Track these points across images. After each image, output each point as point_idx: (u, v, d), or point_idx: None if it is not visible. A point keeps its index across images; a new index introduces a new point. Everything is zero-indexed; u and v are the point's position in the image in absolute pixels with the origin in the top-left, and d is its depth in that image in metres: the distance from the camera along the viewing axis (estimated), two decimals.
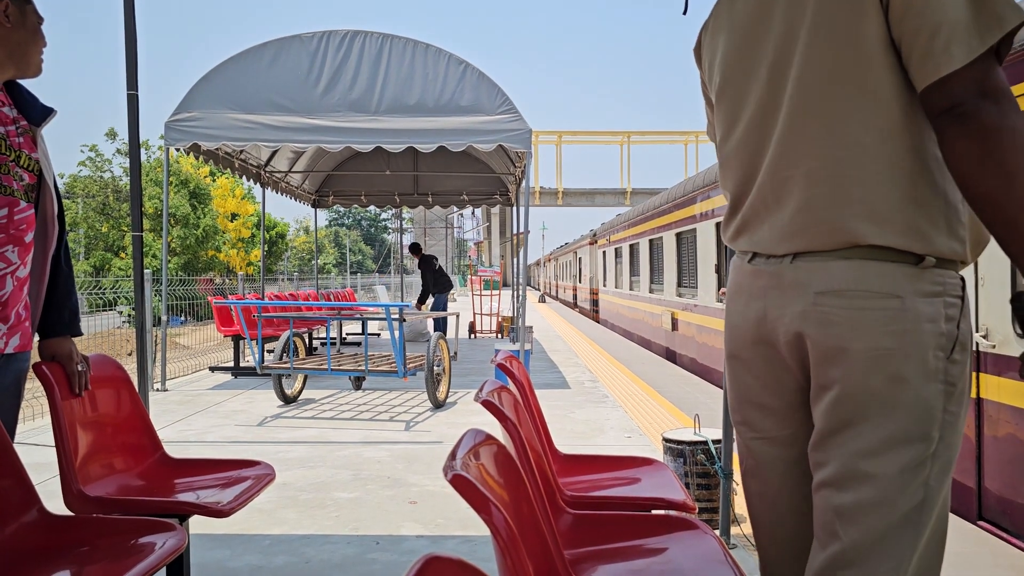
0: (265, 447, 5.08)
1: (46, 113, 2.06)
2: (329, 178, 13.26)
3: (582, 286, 28.65)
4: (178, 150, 7.46)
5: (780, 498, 1.54)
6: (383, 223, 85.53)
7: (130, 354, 11.54)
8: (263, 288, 11.06)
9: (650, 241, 14.33)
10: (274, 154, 10.65)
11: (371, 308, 9.25)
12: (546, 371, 9.00)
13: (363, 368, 6.34)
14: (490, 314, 14.44)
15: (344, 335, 12.36)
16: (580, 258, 29.24)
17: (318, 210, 13.79)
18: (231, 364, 8.85)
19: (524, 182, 7.88)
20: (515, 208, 12.83)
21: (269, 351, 9.03)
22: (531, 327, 9.40)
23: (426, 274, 12.43)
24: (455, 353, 9.58)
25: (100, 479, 2.22)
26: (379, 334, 13.13)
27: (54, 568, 1.74)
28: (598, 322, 21.76)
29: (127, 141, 4.31)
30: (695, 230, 10.81)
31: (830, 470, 1.34)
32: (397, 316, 6.28)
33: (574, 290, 32.39)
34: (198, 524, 3.17)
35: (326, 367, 6.34)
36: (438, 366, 6.60)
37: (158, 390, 7.55)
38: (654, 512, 2.04)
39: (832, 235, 1.32)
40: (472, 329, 13.76)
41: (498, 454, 1.36)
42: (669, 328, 12.71)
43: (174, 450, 2.64)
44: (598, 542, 1.84)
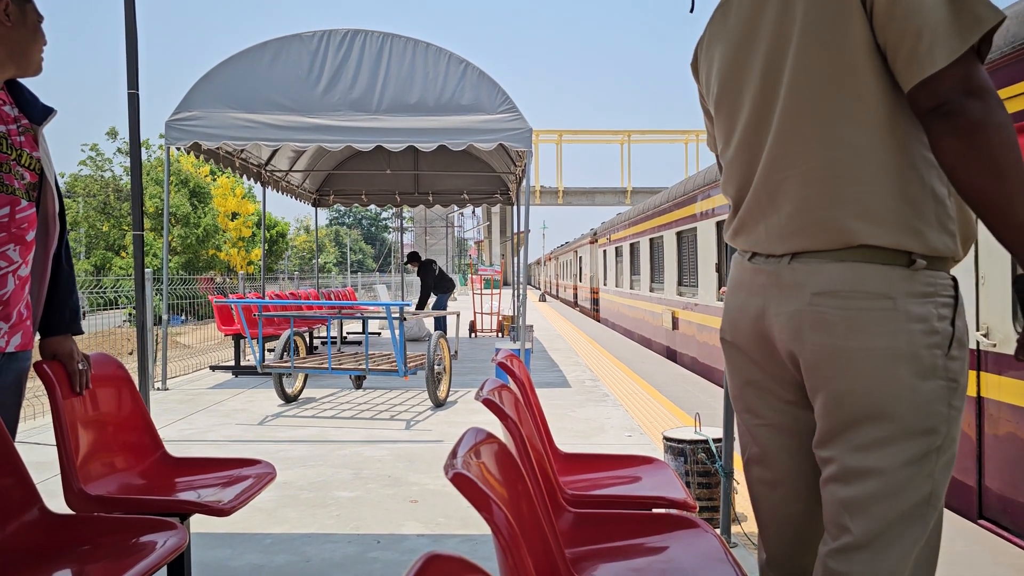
0: (266, 446, 5.08)
1: (47, 112, 2.05)
2: (330, 177, 13.26)
3: (583, 285, 28.65)
4: (179, 149, 7.46)
5: (785, 484, 1.57)
6: (384, 222, 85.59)
7: (131, 353, 11.55)
8: (264, 287, 11.06)
9: (650, 240, 14.33)
10: (275, 153, 10.65)
11: (372, 307, 9.24)
12: (547, 370, 9.00)
13: (364, 367, 6.34)
14: (491, 313, 14.45)
15: (345, 334, 12.37)
16: (581, 257, 29.24)
17: (319, 209, 13.79)
18: (232, 363, 8.86)
19: (524, 181, 7.88)
20: (515, 207, 12.82)
21: (270, 350, 9.03)
22: (532, 326, 9.39)
23: (426, 279, 12.43)
24: (456, 352, 9.60)
25: (101, 478, 2.22)
26: (380, 333, 13.14)
27: (55, 567, 1.74)
28: (599, 321, 21.75)
29: (128, 140, 4.30)
30: (695, 229, 10.81)
31: (835, 467, 1.37)
32: (398, 315, 6.28)
33: (575, 289, 32.38)
34: (199, 523, 3.17)
35: (327, 366, 6.34)
36: (438, 365, 6.60)
37: (159, 389, 7.56)
38: (655, 511, 2.05)
39: (827, 234, 1.36)
40: (473, 328, 13.77)
41: (499, 453, 1.36)
42: (670, 327, 12.71)
43: (175, 449, 2.65)
44: (599, 541, 1.84)
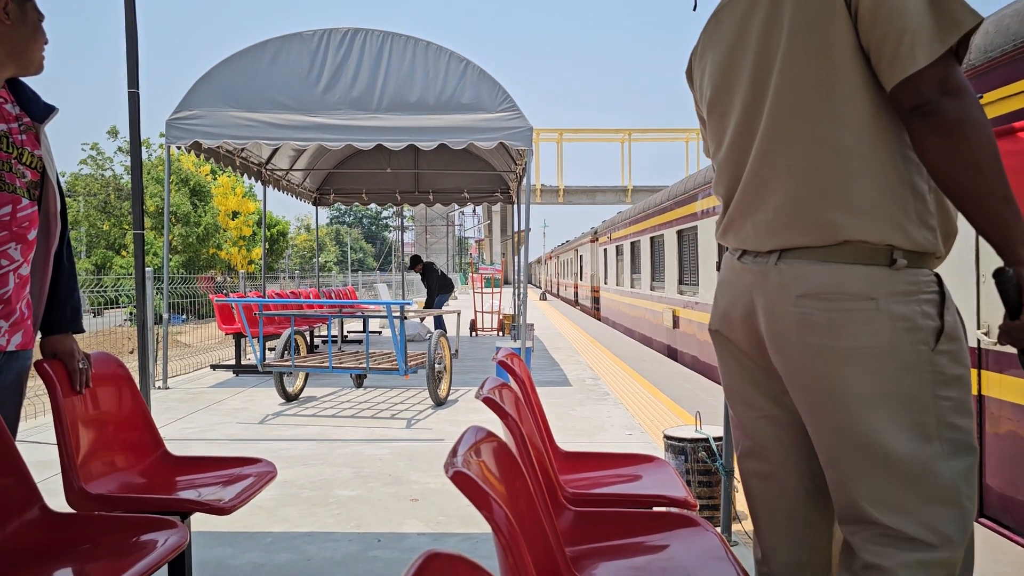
0: (266, 445, 5.08)
1: (48, 110, 2.05)
2: (330, 176, 13.26)
3: (583, 284, 28.64)
4: (179, 148, 7.46)
5: (778, 477, 1.59)
6: (384, 221, 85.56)
7: (132, 352, 11.55)
8: (264, 286, 11.07)
9: (651, 239, 14.33)
10: (275, 152, 10.65)
11: (372, 306, 9.24)
12: (547, 369, 9.00)
13: (364, 366, 6.34)
14: (491, 312, 14.44)
15: (345, 333, 12.37)
16: (581, 256, 29.24)
17: (319, 208, 13.80)
18: (232, 362, 8.86)
19: (525, 180, 7.87)
20: (516, 206, 12.82)
21: (270, 349, 9.03)
22: (532, 325, 9.38)
23: (431, 280, 12.45)
24: (456, 351, 9.60)
25: (102, 477, 2.22)
26: (380, 332, 13.14)
27: (56, 566, 1.74)
28: (599, 320, 21.75)
29: (128, 139, 4.30)
30: (696, 227, 10.81)
31: (838, 469, 1.40)
32: (398, 314, 6.28)
33: (575, 288, 32.38)
34: (200, 522, 3.17)
35: (327, 365, 6.34)
36: (439, 364, 6.60)
37: (159, 388, 7.56)
38: (655, 509, 2.05)
39: (812, 229, 1.41)
40: (473, 327, 13.77)
41: (499, 451, 1.36)
42: (670, 326, 12.71)
43: (176, 448, 2.65)
44: (599, 539, 1.84)
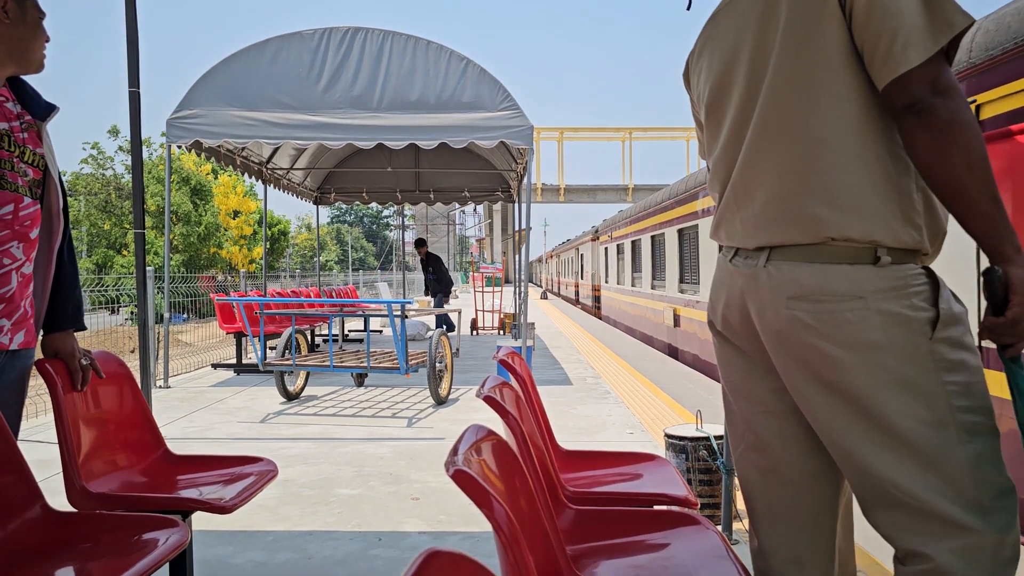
0: (267, 444, 5.08)
1: (49, 109, 2.05)
2: (331, 175, 13.26)
3: (584, 282, 28.64)
4: (180, 147, 7.45)
5: (779, 471, 1.60)
6: (385, 220, 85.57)
7: (132, 351, 11.55)
8: (265, 285, 11.07)
9: (652, 237, 14.33)
10: (276, 151, 10.64)
11: (373, 305, 9.24)
12: (548, 367, 9.00)
13: (365, 365, 6.34)
14: (492, 311, 14.44)
15: (346, 332, 12.37)
16: (582, 254, 29.23)
17: (320, 207, 13.80)
18: (233, 361, 8.86)
19: (526, 178, 7.87)
20: (517, 204, 12.82)
21: (271, 348, 9.04)
22: (533, 323, 9.38)
23: (439, 271, 12.41)
24: (457, 350, 9.60)
25: (103, 476, 2.23)
26: (381, 331, 13.15)
27: (57, 564, 1.74)
28: (600, 318, 21.75)
29: (129, 138, 4.30)
30: (697, 226, 10.80)
31: (856, 462, 1.41)
32: (399, 313, 6.28)
33: (576, 286, 32.38)
34: (201, 520, 3.18)
35: (328, 364, 6.34)
36: (440, 363, 6.60)
37: (160, 387, 7.56)
38: (656, 508, 2.05)
39: (797, 224, 1.43)
40: (474, 326, 13.77)
41: (500, 450, 1.36)
42: (671, 324, 12.71)
43: (177, 447, 2.65)
44: (600, 537, 1.84)
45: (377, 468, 4.46)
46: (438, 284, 12.48)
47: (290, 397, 6.68)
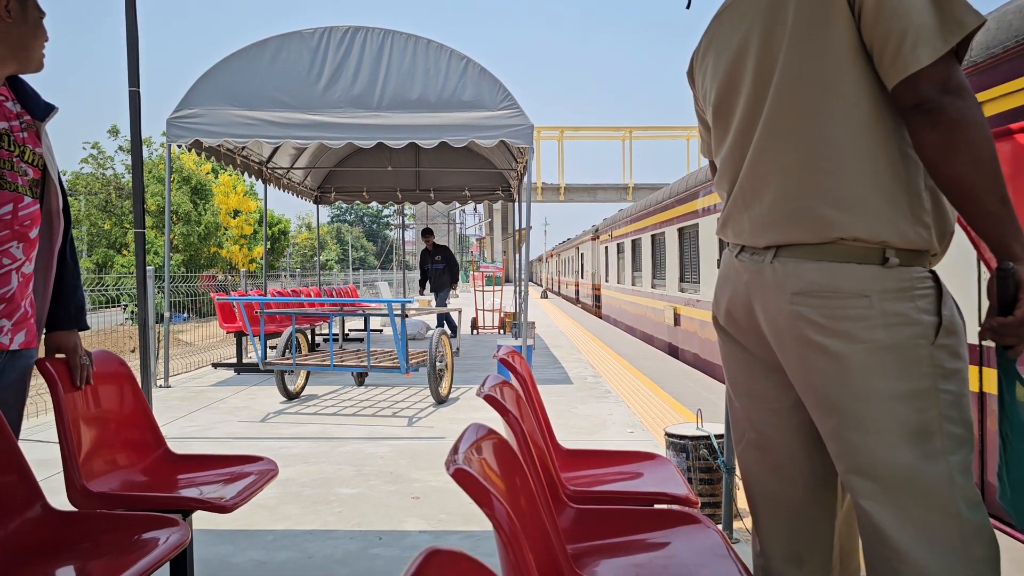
0: (268, 443, 5.09)
1: (49, 109, 2.05)
2: (331, 174, 13.26)
3: (584, 282, 28.63)
4: (180, 147, 7.45)
5: (782, 468, 1.60)
6: (385, 219, 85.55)
7: (133, 351, 11.55)
8: (265, 284, 11.07)
9: (652, 236, 14.32)
10: (276, 150, 10.64)
11: (373, 304, 9.24)
12: (548, 366, 9.00)
13: (365, 364, 6.34)
14: (492, 310, 14.44)
15: (347, 331, 12.37)
16: (582, 254, 29.23)
17: (320, 206, 13.80)
18: (234, 360, 8.86)
19: (526, 178, 7.86)
20: (517, 204, 12.81)
21: (272, 347, 9.04)
22: (533, 323, 9.39)
23: (450, 258, 12.11)
24: (457, 349, 9.60)
25: (103, 475, 2.23)
26: (381, 330, 13.15)
27: (58, 564, 1.74)
28: (600, 317, 21.75)
29: (129, 138, 4.29)
30: (697, 225, 10.80)
31: (845, 463, 1.41)
32: (399, 312, 6.28)
33: (576, 286, 32.37)
34: (201, 520, 3.17)
35: (329, 363, 6.34)
36: (440, 362, 6.60)
37: (161, 386, 7.56)
38: (656, 507, 2.05)
39: (805, 224, 1.42)
40: (475, 325, 13.77)
41: (500, 448, 1.36)
42: (671, 323, 12.70)
43: (177, 446, 2.65)
44: (600, 536, 1.84)
45: (377, 467, 4.46)
46: (450, 273, 12.18)
47: (290, 396, 6.68)
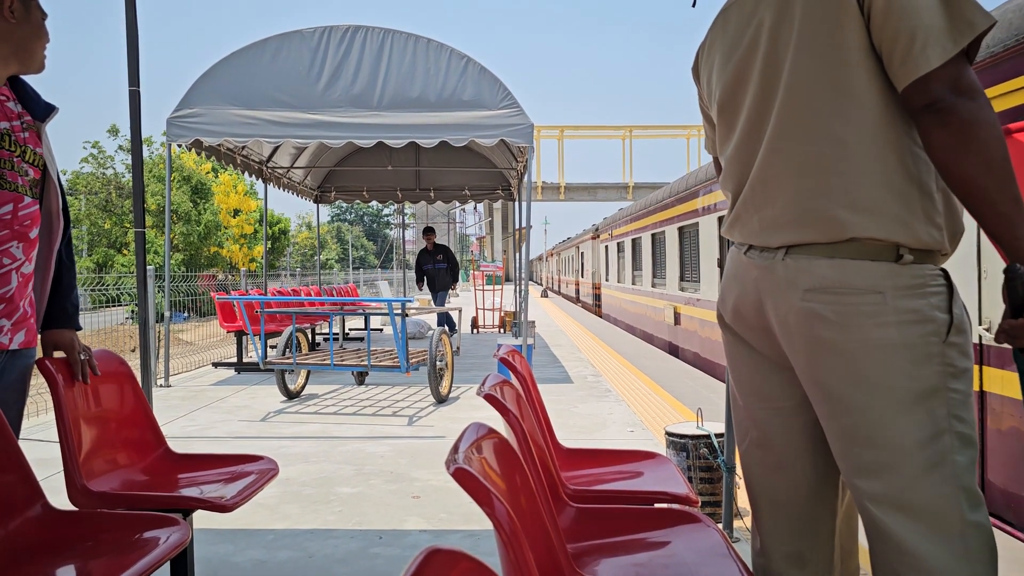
0: (268, 442, 5.09)
1: (49, 109, 2.05)
2: (331, 174, 13.26)
3: (584, 281, 28.63)
4: (180, 146, 7.45)
5: (785, 468, 1.60)
6: (385, 218, 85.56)
7: (133, 350, 11.56)
8: (266, 284, 11.08)
9: (652, 235, 14.32)
10: (276, 150, 10.64)
11: (374, 303, 9.24)
12: (548, 366, 9.00)
13: (366, 363, 6.34)
14: (492, 309, 14.44)
15: (347, 331, 12.37)
16: (583, 253, 29.23)
17: (320, 206, 13.80)
18: (234, 360, 8.87)
19: (526, 177, 7.86)
20: (517, 203, 12.81)
21: (272, 347, 9.03)
22: (533, 322, 9.40)
23: (451, 257, 12.07)
24: (458, 348, 9.60)
25: (104, 474, 2.23)
26: (382, 329, 13.15)
27: (58, 563, 1.74)
28: (601, 317, 21.75)
29: (129, 137, 4.29)
30: (697, 224, 10.80)
31: (851, 462, 1.41)
32: (399, 311, 6.28)
33: (576, 285, 32.38)
34: (202, 519, 3.17)
35: (329, 362, 6.34)
36: (440, 361, 6.60)
37: (161, 386, 7.56)
38: (657, 506, 2.05)
39: (818, 225, 1.41)
40: (475, 324, 13.77)
41: (500, 448, 1.36)
42: (672, 322, 12.70)
43: (177, 445, 2.65)
44: (601, 535, 1.84)
45: (378, 466, 4.47)
46: (451, 273, 12.10)
47: (291, 396, 6.69)
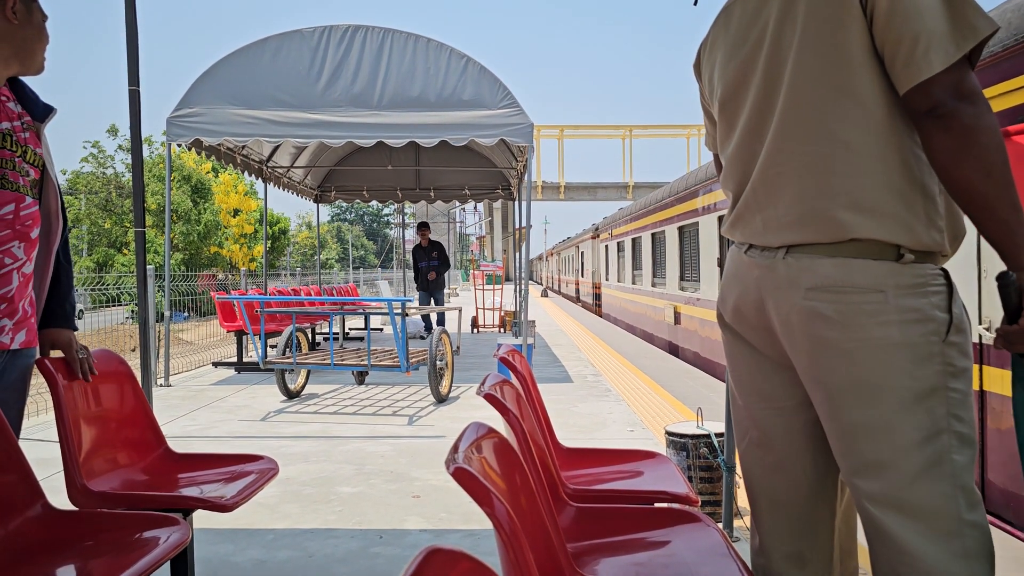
0: (268, 442, 5.09)
1: (48, 110, 2.06)
2: (331, 173, 13.26)
3: (584, 280, 28.64)
4: (180, 146, 7.45)
5: (784, 467, 1.60)
6: (385, 218, 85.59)
7: (133, 350, 11.56)
8: (266, 283, 11.07)
9: (652, 235, 14.32)
10: (276, 149, 10.64)
11: (374, 303, 9.25)
12: (549, 365, 9.00)
13: (366, 363, 6.34)
14: (492, 309, 14.44)
15: (347, 330, 12.37)
16: (583, 252, 29.23)
17: (320, 205, 13.80)
18: (234, 359, 8.87)
19: (526, 176, 7.86)
20: (517, 202, 12.81)
21: (272, 346, 9.03)
22: (533, 321, 9.40)
23: (444, 256, 11.92)
24: (458, 348, 9.60)
25: (104, 474, 2.23)
26: (382, 329, 13.14)
27: (58, 563, 1.74)
28: (601, 316, 21.76)
29: (129, 137, 4.29)
30: (697, 224, 10.80)
31: (850, 461, 1.42)
32: (400, 311, 6.28)
33: (576, 284, 32.38)
34: (202, 519, 3.18)
35: (329, 362, 6.34)
36: (441, 361, 6.60)
37: (161, 386, 7.56)
38: (657, 505, 2.05)
39: (820, 226, 1.41)
40: (475, 324, 13.77)
41: (500, 447, 1.36)
42: (672, 322, 12.70)
43: (177, 445, 2.65)
44: (601, 535, 1.84)
45: (378, 466, 4.47)
46: (442, 268, 11.94)
47: (291, 395, 6.69)
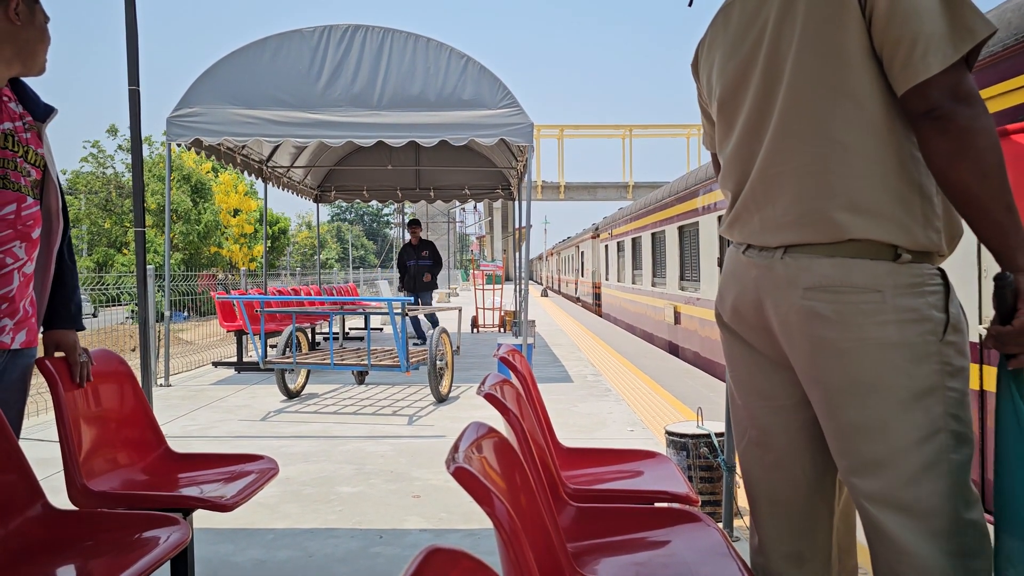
0: (268, 442, 5.09)
1: (49, 111, 2.06)
2: (331, 173, 13.25)
3: (584, 280, 28.64)
4: (180, 146, 7.45)
5: (783, 466, 1.60)
6: (385, 218, 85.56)
7: (133, 350, 11.56)
8: (266, 283, 11.07)
9: (652, 235, 14.32)
10: (276, 149, 10.64)
11: (374, 303, 9.25)
12: (549, 365, 9.00)
13: (366, 363, 6.34)
14: (492, 308, 14.44)
15: (347, 330, 12.37)
16: (583, 252, 29.23)
17: (320, 205, 13.80)
18: (234, 359, 8.86)
19: (526, 176, 7.86)
20: (517, 202, 12.81)
21: (272, 346, 9.03)
22: (533, 321, 9.40)
23: (437, 255, 11.61)
24: (458, 347, 9.60)
25: (104, 474, 2.23)
26: (382, 329, 13.14)
27: (58, 562, 1.74)
28: (601, 316, 21.76)
29: (129, 137, 4.28)
30: (697, 223, 10.80)
31: (849, 461, 1.42)
32: (399, 311, 6.28)
33: (576, 284, 32.39)
34: (202, 518, 3.18)
35: (329, 362, 6.34)
36: (441, 360, 6.60)
37: (161, 385, 7.57)
38: (657, 505, 2.05)
39: (818, 227, 1.42)
40: (475, 324, 13.77)
41: (501, 447, 1.36)
42: (672, 322, 12.71)
43: (177, 445, 2.65)
44: (601, 535, 1.84)
45: (378, 466, 4.47)
46: (435, 268, 11.55)
47: (291, 395, 6.69)
